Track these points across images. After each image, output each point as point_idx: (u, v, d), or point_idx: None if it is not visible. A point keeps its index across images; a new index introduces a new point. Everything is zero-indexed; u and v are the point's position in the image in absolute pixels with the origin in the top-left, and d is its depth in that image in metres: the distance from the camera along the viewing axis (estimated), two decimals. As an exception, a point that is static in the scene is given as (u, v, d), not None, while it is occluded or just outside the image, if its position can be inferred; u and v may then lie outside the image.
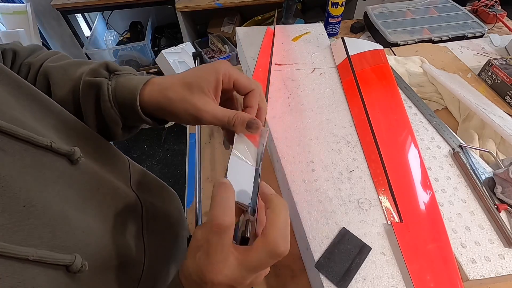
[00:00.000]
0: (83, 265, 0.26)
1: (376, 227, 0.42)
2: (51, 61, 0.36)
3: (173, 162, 1.88)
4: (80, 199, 0.30)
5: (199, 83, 0.32)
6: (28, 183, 0.25)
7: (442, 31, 0.98)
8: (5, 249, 0.21)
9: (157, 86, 0.33)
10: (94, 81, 0.33)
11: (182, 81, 0.33)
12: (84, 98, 0.34)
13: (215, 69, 0.32)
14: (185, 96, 0.32)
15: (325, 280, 0.38)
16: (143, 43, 1.90)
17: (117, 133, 0.37)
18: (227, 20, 2.05)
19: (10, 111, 0.26)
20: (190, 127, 0.78)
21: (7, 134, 0.24)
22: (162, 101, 0.33)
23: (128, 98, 0.33)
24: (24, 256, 0.22)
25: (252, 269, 0.25)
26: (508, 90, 0.72)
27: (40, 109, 0.30)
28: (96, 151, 0.35)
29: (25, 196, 0.24)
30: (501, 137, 0.60)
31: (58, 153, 0.28)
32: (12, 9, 1.62)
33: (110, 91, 0.33)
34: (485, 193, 0.46)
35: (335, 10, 1.00)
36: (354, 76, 0.64)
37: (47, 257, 0.24)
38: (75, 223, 0.28)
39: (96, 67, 0.34)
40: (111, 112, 0.34)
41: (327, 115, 0.58)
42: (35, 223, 0.24)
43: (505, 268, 0.39)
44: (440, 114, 0.71)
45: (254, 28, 0.81)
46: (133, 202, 0.39)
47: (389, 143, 0.52)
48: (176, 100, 0.32)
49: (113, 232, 0.33)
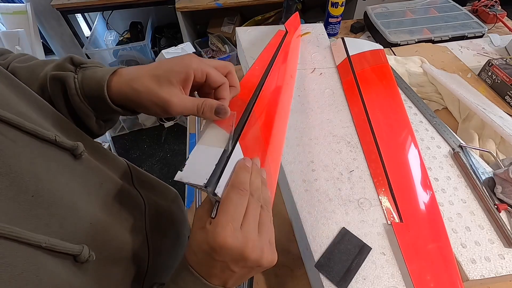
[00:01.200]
0: (90, 255, 0.27)
1: (376, 227, 0.42)
2: (18, 62, 0.36)
3: (173, 162, 1.88)
4: (86, 192, 0.31)
5: (167, 75, 0.32)
6: (36, 174, 0.25)
7: (442, 31, 0.98)
8: (20, 234, 0.22)
9: (124, 77, 0.33)
10: (60, 75, 0.33)
11: (150, 73, 0.32)
12: (53, 93, 0.34)
13: (185, 63, 0.33)
14: (152, 88, 0.32)
15: (325, 280, 0.38)
16: (143, 43, 1.90)
17: (93, 126, 0.36)
18: (227, 20, 2.05)
19: (16, 106, 0.27)
20: (190, 127, 0.78)
21: (15, 127, 0.25)
22: (129, 92, 0.32)
23: (96, 89, 0.32)
24: (37, 243, 0.23)
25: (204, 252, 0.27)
26: (508, 90, 0.72)
27: (39, 108, 0.31)
28: (95, 150, 0.35)
29: (34, 187, 0.25)
30: (501, 137, 0.60)
31: (62, 147, 0.29)
32: (12, 9, 1.62)
33: (77, 84, 0.33)
34: (485, 193, 0.46)
35: (335, 10, 1.00)
36: (354, 76, 0.64)
37: (58, 245, 0.24)
38: (83, 215, 0.29)
39: (61, 61, 0.34)
40: (81, 105, 0.34)
41: (327, 115, 0.58)
42: (42, 213, 0.25)
43: (505, 268, 0.39)
44: (440, 114, 0.71)
45: (254, 28, 0.81)
46: (136, 199, 0.39)
47: (389, 143, 0.52)
48: (143, 91, 0.32)
49: (118, 226, 0.34)
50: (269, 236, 0.30)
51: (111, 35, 2.16)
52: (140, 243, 0.37)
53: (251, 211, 0.29)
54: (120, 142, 2.01)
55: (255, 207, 0.30)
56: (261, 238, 0.29)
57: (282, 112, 0.50)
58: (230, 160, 0.33)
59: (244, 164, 0.32)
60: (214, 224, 0.27)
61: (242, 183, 0.30)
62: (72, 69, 0.34)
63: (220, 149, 0.33)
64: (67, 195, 0.28)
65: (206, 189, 0.29)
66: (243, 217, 0.28)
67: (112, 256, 0.32)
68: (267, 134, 0.41)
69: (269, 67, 0.51)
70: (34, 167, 0.26)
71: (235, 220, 0.27)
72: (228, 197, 0.29)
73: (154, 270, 0.39)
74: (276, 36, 0.65)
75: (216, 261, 0.27)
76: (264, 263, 0.28)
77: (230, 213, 0.27)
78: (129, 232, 0.35)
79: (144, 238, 0.38)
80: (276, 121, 0.45)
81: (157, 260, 0.40)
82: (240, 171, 0.31)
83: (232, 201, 0.28)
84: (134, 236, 0.36)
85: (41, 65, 0.35)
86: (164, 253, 0.43)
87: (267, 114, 0.44)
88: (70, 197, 0.28)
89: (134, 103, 0.33)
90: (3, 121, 0.24)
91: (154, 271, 0.39)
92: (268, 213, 0.31)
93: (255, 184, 0.31)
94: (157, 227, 0.42)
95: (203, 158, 0.32)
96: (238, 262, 0.27)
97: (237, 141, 0.35)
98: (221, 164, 0.32)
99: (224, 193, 0.29)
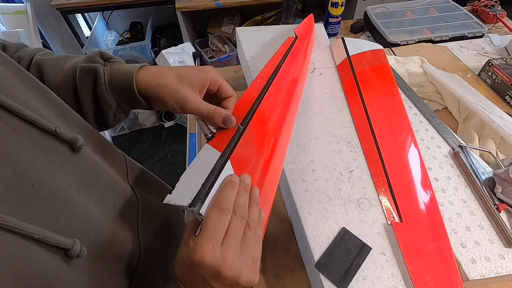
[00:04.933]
0: (82, 251, 0.27)
1: (376, 227, 0.42)
2: (41, 55, 0.39)
3: (173, 162, 1.88)
4: (83, 186, 0.31)
5: (188, 78, 0.37)
6: (36, 164, 0.26)
7: (442, 31, 0.98)
8: (14, 224, 0.22)
9: (150, 72, 0.37)
10: (91, 66, 0.36)
11: (173, 72, 0.37)
12: (81, 82, 0.37)
13: (205, 72, 0.38)
14: (174, 85, 0.36)
15: (325, 280, 0.38)
16: (143, 43, 1.90)
17: (109, 117, 0.40)
18: (227, 20, 2.05)
19: (20, 94, 0.28)
20: (190, 127, 0.78)
21: (15, 115, 0.25)
22: (153, 85, 0.36)
23: (124, 80, 0.36)
24: (30, 234, 0.23)
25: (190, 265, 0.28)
26: (508, 90, 0.72)
27: (43, 97, 0.31)
28: (95, 143, 0.36)
29: (33, 176, 0.25)
30: (501, 137, 0.60)
31: (62, 140, 0.29)
32: (12, 9, 1.62)
33: (106, 75, 0.37)
34: (485, 193, 0.46)
35: (335, 10, 1.00)
36: (354, 76, 0.64)
37: (50, 238, 0.24)
38: (78, 209, 0.29)
39: (92, 55, 0.38)
40: (105, 94, 0.37)
41: (327, 115, 0.58)
42: (40, 203, 0.25)
43: (505, 268, 0.39)
44: (440, 114, 0.71)
45: (254, 28, 0.81)
46: (130, 196, 0.40)
47: (389, 143, 0.52)
48: (166, 86, 0.36)
49: (112, 222, 0.34)
50: (253, 255, 0.31)
51: (111, 35, 2.16)
52: (131, 241, 0.37)
53: (232, 230, 0.29)
54: (120, 142, 2.01)
55: (237, 226, 0.30)
56: (242, 257, 0.29)
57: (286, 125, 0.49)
58: (218, 178, 0.32)
59: (230, 181, 0.32)
60: (195, 242, 0.28)
61: (224, 202, 0.30)
62: (101, 62, 0.37)
63: (208, 169, 0.33)
64: (64, 188, 0.28)
65: (191, 209, 0.29)
66: (225, 235, 0.29)
67: (103, 252, 0.32)
68: (265, 151, 0.40)
69: (272, 78, 0.50)
70: (34, 157, 0.26)
71: (213, 239, 0.27)
72: (209, 215, 0.29)
73: (145, 268, 0.39)
74: (284, 45, 0.63)
75: (197, 275, 0.28)
76: (242, 282, 0.29)
77: (210, 232, 0.28)
78: (121, 229, 0.36)
79: (135, 235, 0.38)
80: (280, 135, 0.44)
81: (148, 258, 0.40)
82: (225, 189, 0.31)
83: (212, 220, 0.28)
84: (125, 233, 0.36)
85: (64, 58, 0.39)
86: (156, 252, 0.43)
87: (267, 129, 0.43)
88: (67, 190, 0.28)
89: (155, 96, 0.37)
90: (4, 107, 0.25)
91: (145, 269, 0.39)
92: (256, 232, 0.31)
93: (240, 202, 0.31)
94: (149, 226, 0.42)
95: (191, 180, 0.32)
96: (216, 279, 0.28)
97: (227, 159, 0.35)
98: (208, 183, 0.32)
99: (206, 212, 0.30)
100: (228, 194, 0.31)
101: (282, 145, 0.48)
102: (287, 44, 0.63)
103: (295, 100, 0.57)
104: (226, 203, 0.30)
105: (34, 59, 0.38)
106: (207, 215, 0.29)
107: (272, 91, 0.47)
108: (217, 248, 0.27)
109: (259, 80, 0.49)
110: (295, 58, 0.60)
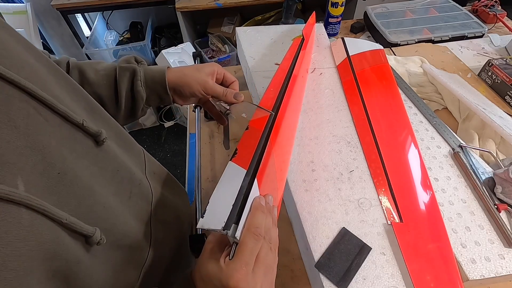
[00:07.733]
0: (102, 239, 0.28)
1: (376, 227, 0.42)
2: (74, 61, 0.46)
3: (173, 162, 1.88)
4: (102, 177, 0.32)
5: (203, 68, 0.49)
6: (63, 154, 0.27)
7: (442, 31, 0.98)
8: (48, 209, 0.23)
9: (174, 69, 0.49)
10: (130, 67, 0.47)
11: (191, 66, 0.50)
12: (121, 79, 0.46)
13: (212, 65, 0.50)
14: (196, 73, 0.48)
15: (325, 280, 0.38)
16: (143, 43, 1.90)
17: (139, 109, 0.49)
18: (227, 20, 2.04)
19: (52, 88, 0.30)
20: (190, 127, 0.78)
21: (49, 107, 0.27)
22: (180, 75, 0.48)
23: (158, 76, 0.47)
24: (59, 219, 0.24)
25: None
26: (508, 90, 0.72)
27: (73, 91, 0.34)
28: (117, 137, 0.39)
29: (60, 165, 0.27)
30: (501, 137, 0.60)
31: (87, 132, 0.31)
32: (12, 9, 1.62)
33: (141, 73, 0.47)
34: (485, 193, 0.46)
35: (335, 10, 1.00)
36: (354, 76, 0.64)
37: (76, 224, 0.26)
38: (98, 198, 0.30)
39: (127, 58, 0.49)
40: (140, 89, 0.47)
41: (327, 115, 0.58)
42: (64, 191, 0.26)
43: (505, 268, 0.39)
44: (440, 114, 0.71)
45: (254, 28, 0.81)
46: (146, 189, 0.41)
47: (389, 143, 0.52)
48: (190, 75, 0.48)
49: (127, 213, 0.36)
50: (272, 277, 0.33)
51: (111, 35, 2.15)
52: (143, 232, 0.38)
53: (262, 255, 0.31)
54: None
55: (266, 251, 0.32)
56: (265, 279, 0.31)
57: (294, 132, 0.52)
58: (248, 199, 0.34)
59: (260, 205, 0.34)
60: (231, 266, 0.29)
61: (258, 228, 0.32)
62: (135, 64, 0.48)
63: (236, 188, 0.35)
64: (87, 178, 0.29)
65: (226, 232, 0.31)
66: (255, 260, 0.30)
67: (118, 242, 0.33)
68: (281, 165, 0.42)
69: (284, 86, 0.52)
70: (62, 147, 0.27)
71: (248, 265, 0.29)
72: (245, 242, 0.31)
73: (153, 260, 0.40)
74: (291, 48, 0.63)
75: None
76: None
77: (245, 258, 0.30)
78: (135, 220, 0.37)
79: (148, 228, 0.40)
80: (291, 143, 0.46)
81: (157, 251, 0.41)
82: (256, 213, 0.33)
83: (248, 246, 0.30)
84: (139, 225, 0.38)
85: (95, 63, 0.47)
86: (165, 245, 0.44)
87: (282, 140, 0.45)
88: (89, 180, 0.30)
89: (182, 84, 0.48)
90: (41, 100, 0.27)
91: (153, 261, 0.40)
92: (275, 256, 0.34)
93: (267, 226, 0.33)
94: (161, 219, 0.43)
95: (221, 200, 0.34)
96: None
97: (254, 177, 0.36)
98: (238, 204, 0.33)
99: (241, 235, 0.31)
100: (260, 219, 0.33)
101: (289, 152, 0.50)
102: (295, 47, 0.63)
103: (300, 103, 0.58)
104: (259, 229, 0.32)
105: (71, 62, 0.45)
106: (243, 240, 0.31)
107: (285, 101, 0.50)
108: (250, 274, 0.29)
109: (273, 89, 0.52)
110: (302, 61, 0.61)
